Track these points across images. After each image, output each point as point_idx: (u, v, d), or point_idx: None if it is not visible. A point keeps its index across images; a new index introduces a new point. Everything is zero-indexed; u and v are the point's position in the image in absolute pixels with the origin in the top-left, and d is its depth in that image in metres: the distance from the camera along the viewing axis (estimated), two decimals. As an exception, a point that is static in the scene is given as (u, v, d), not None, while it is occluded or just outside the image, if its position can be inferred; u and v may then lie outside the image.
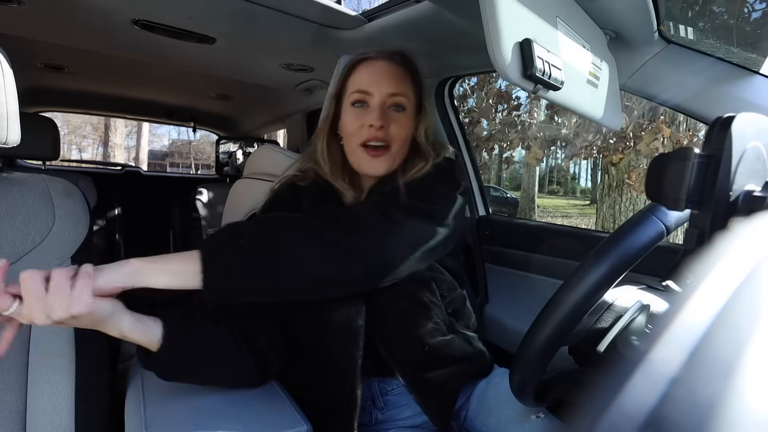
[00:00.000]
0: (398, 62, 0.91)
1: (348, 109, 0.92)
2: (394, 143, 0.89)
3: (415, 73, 0.93)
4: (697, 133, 4.23)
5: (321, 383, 0.85)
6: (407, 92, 0.91)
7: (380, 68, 0.90)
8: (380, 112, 0.88)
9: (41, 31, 1.47)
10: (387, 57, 0.91)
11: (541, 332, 0.62)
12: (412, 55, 0.95)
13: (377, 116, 0.87)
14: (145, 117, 3.38)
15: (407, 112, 0.91)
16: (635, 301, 0.68)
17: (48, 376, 0.80)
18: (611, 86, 0.88)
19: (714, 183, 0.46)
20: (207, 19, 1.29)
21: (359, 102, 0.90)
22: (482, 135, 6.03)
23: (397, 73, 0.90)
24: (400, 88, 0.90)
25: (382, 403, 0.91)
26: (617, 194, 5.42)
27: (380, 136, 0.87)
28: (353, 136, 0.90)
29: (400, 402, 0.92)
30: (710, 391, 0.16)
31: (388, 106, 0.90)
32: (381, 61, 0.91)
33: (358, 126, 0.89)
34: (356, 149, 0.90)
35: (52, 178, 0.90)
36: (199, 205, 2.55)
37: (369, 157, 0.89)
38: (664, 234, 0.60)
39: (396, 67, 0.91)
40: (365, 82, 0.90)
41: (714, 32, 2.30)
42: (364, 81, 0.90)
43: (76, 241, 0.88)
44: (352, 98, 0.91)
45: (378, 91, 0.88)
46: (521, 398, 0.70)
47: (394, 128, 0.88)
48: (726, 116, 0.47)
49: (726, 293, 0.20)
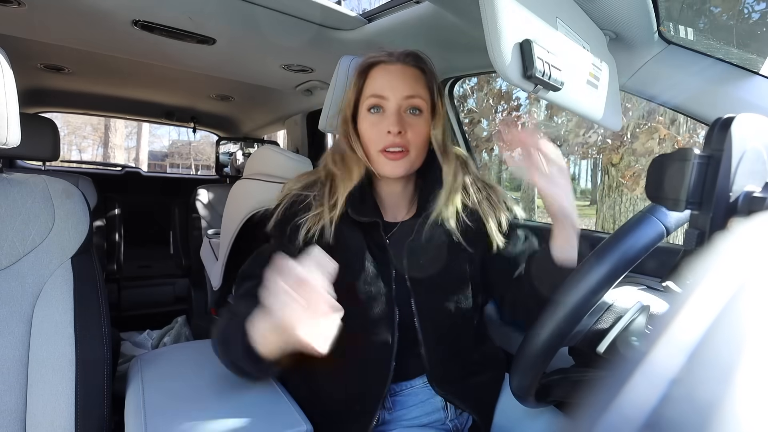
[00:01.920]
0: (412, 64, 0.91)
1: (365, 115, 0.91)
2: (413, 148, 0.89)
3: (428, 74, 0.92)
4: (696, 135, 4.23)
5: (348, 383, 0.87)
6: (423, 94, 0.90)
7: (395, 71, 0.89)
8: (397, 117, 0.87)
9: (41, 31, 1.47)
10: (401, 60, 0.91)
11: (541, 333, 0.62)
12: (425, 56, 0.94)
13: (394, 122, 0.86)
14: (145, 118, 3.37)
15: (424, 114, 0.90)
16: (635, 302, 0.68)
17: (48, 376, 0.80)
18: (611, 86, 0.88)
19: (714, 184, 0.46)
20: (207, 19, 1.29)
21: (375, 107, 0.89)
22: (482, 135, 6.03)
23: (411, 75, 0.90)
24: (416, 90, 0.89)
25: (390, 403, 0.92)
26: (617, 195, 5.42)
27: (398, 142, 0.87)
28: (372, 142, 0.89)
29: (408, 402, 0.93)
30: (710, 392, 0.16)
31: (404, 110, 0.89)
32: (395, 64, 0.90)
33: (377, 133, 0.88)
34: (376, 155, 0.89)
35: (52, 178, 0.90)
36: (199, 206, 2.55)
37: (389, 160, 0.88)
38: (664, 235, 0.60)
39: (410, 69, 0.90)
40: (380, 87, 0.89)
41: (714, 33, 2.30)
42: (378, 85, 0.89)
43: (76, 241, 0.88)
44: (367, 103, 0.90)
45: (394, 95, 0.88)
46: (522, 399, 0.70)
47: (411, 133, 0.88)
48: (726, 117, 0.47)
49: (726, 294, 0.20)
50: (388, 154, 0.88)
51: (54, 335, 0.82)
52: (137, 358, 0.96)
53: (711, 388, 0.16)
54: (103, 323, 0.88)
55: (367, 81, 0.91)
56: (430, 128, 0.91)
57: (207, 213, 2.57)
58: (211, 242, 2.12)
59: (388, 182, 0.95)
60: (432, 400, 0.93)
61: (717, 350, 0.18)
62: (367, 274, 0.87)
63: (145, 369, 0.90)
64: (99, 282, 0.90)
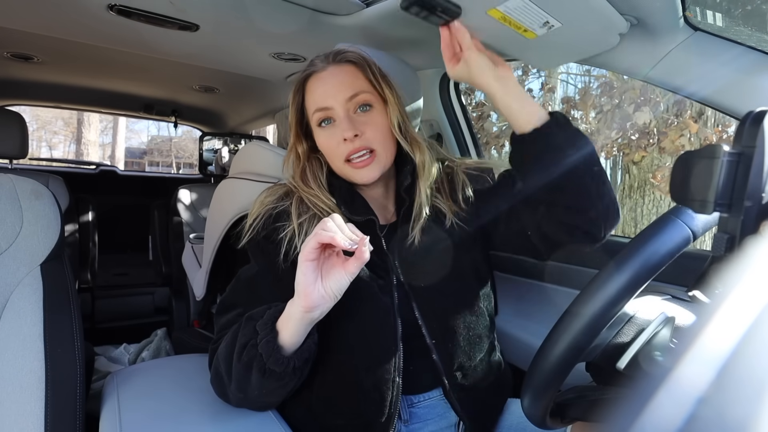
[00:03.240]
0: (343, 62, 0.93)
1: (318, 131, 0.93)
2: (377, 145, 0.90)
3: (365, 66, 0.93)
4: (726, 129, 4.24)
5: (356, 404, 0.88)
6: (366, 87, 0.91)
7: (329, 76, 0.91)
8: (348, 122, 0.89)
9: (7, 17, 1.47)
10: (331, 61, 0.92)
11: (555, 348, 0.62)
12: (354, 48, 0.96)
13: (346, 127, 0.88)
14: (122, 111, 3.38)
15: (375, 107, 0.92)
16: (659, 313, 0.68)
17: (14, 395, 0.80)
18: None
19: (745, 183, 0.46)
20: (190, 3, 1.29)
21: (324, 120, 0.91)
22: (492, 131, 6.04)
23: (347, 73, 0.91)
24: (356, 87, 0.90)
25: (407, 415, 0.93)
26: (639, 196, 5.42)
27: (359, 146, 0.89)
28: (334, 155, 0.92)
29: (427, 415, 0.94)
30: (741, 412, 0.16)
31: (353, 111, 0.91)
32: (326, 69, 0.92)
33: (335, 145, 0.90)
34: (342, 167, 0.92)
35: (20, 178, 0.90)
36: (180, 208, 2.55)
37: (357, 169, 0.90)
38: (691, 239, 0.60)
39: (344, 67, 0.92)
40: (320, 98, 0.91)
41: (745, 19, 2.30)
42: (319, 97, 0.91)
43: (45, 247, 0.88)
44: (315, 119, 0.92)
45: (336, 101, 0.89)
46: (534, 419, 0.70)
47: (369, 131, 0.89)
48: (758, 110, 0.47)
49: (758, 304, 0.20)
50: (352, 163, 0.90)
51: (21, 350, 0.82)
52: (113, 375, 0.96)
53: (742, 408, 0.16)
54: (76, 337, 0.88)
55: (306, 96, 0.94)
56: (387, 120, 0.92)
57: (189, 216, 2.57)
58: (194, 248, 2.12)
59: (369, 186, 0.96)
60: (448, 414, 0.95)
61: (749, 366, 0.18)
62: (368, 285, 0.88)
63: (121, 387, 0.90)
64: (71, 291, 0.90)
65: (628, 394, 0.18)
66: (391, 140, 0.93)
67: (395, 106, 0.93)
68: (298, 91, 0.95)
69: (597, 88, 5.38)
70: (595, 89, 5.44)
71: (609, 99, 5.05)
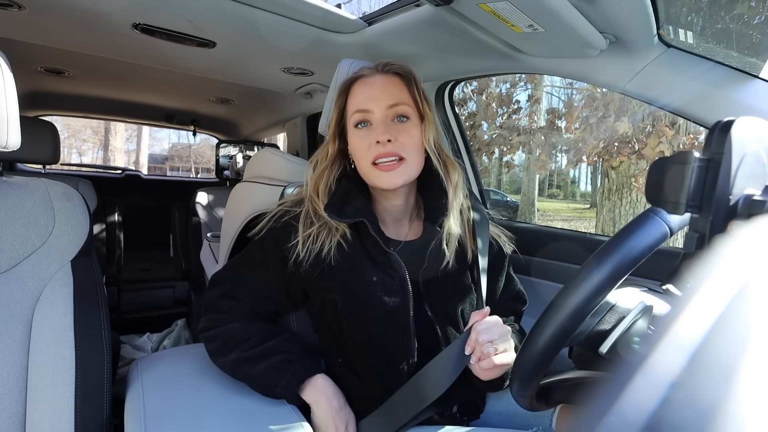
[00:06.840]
0: (392, 73, 0.91)
1: (353, 132, 0.90)
2: (408, 153, 0.87)
3: (411, 81, 0.91)
4: (698, 137, 4.24)
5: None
6: (407, 100, 0.89)
7: (375, 83, 0.90)
8: (384, 126, 0.86)
9: (42, 35, 1.48)
10: (380, 70, 0.91)
11: (541, 337, 0.62)
12: (405, 63, 0.93)
13: (381, 131, 0.85)
14: (145, 121, 3.38)
15: (412, 120, 0.89)
16: (638, 302, 0.68)
17: (48, 380, 0.80)
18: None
19: (714, 187, 0.46)
20: (207, 23, 1.29)
21: (362, 122, 0.89)
22: (483, 139, 6.05)
23: (393, 84, 0.90)
24: (399, 98, 0.88)
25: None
26: (617, 198, 5.43)
27: (389, 151, 0.86)
28: (363, 156, 0.88)
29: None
30: (711, 396, 0.16)
31: (391, 119, 0.88)
32: (374, 76, 0.91)
33: (366, 146, 0.87)
34: (369, 169, 0.88)
35: (52, 181, 0.90)
36: (198, 209, 2.55)
37: (382, 172, 0.87)
38: (668, 235, 0.60)
39: (391, 78, 0.90)
40: (363, 101, 0.89)
41: (713, 36, 2.31)
42: (361, 100, 0.89)
43: (76, 244, 0.88)
44: (353, 120, 0.90)
45: (377, 106, 0.87)
46: (522, 402, 0.70)
47: (402, 139, 0.87)
48: (726, 120, 0.47)
49: (726, 297, 0.20)
50: (380, 166, 0.87)
51: (54, 339, 0.82)
52: (137, 362, 0.96)
53: (712, 392, 0.16)
54: (103, 326, 0.88)
55: (349, 98, 0.92)
56: (421, 134, 0.90)
57: (207, 216, 2.57)
58: (211, 245, 2.12)
59: (387, 196, 0.94)
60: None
61: (718, 353, 0.18)
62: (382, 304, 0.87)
63: (144, 372, 0.90)
64: (99, 285, 0.90)
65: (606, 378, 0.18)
66: (421, 154, 0.90)
67: (432, 123, 0.91)
68: (343, 92, 0.93)
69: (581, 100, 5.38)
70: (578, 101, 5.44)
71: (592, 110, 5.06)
